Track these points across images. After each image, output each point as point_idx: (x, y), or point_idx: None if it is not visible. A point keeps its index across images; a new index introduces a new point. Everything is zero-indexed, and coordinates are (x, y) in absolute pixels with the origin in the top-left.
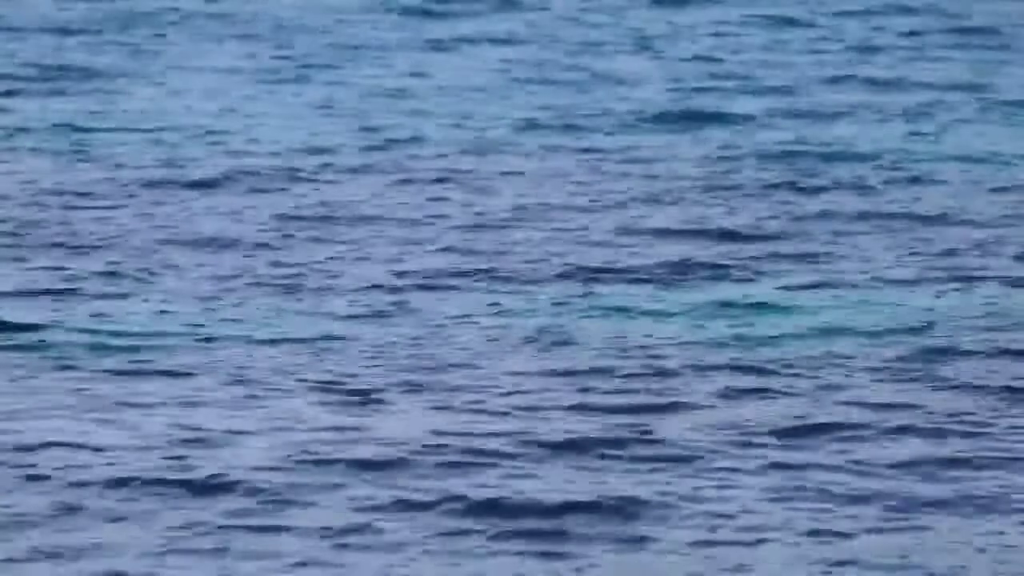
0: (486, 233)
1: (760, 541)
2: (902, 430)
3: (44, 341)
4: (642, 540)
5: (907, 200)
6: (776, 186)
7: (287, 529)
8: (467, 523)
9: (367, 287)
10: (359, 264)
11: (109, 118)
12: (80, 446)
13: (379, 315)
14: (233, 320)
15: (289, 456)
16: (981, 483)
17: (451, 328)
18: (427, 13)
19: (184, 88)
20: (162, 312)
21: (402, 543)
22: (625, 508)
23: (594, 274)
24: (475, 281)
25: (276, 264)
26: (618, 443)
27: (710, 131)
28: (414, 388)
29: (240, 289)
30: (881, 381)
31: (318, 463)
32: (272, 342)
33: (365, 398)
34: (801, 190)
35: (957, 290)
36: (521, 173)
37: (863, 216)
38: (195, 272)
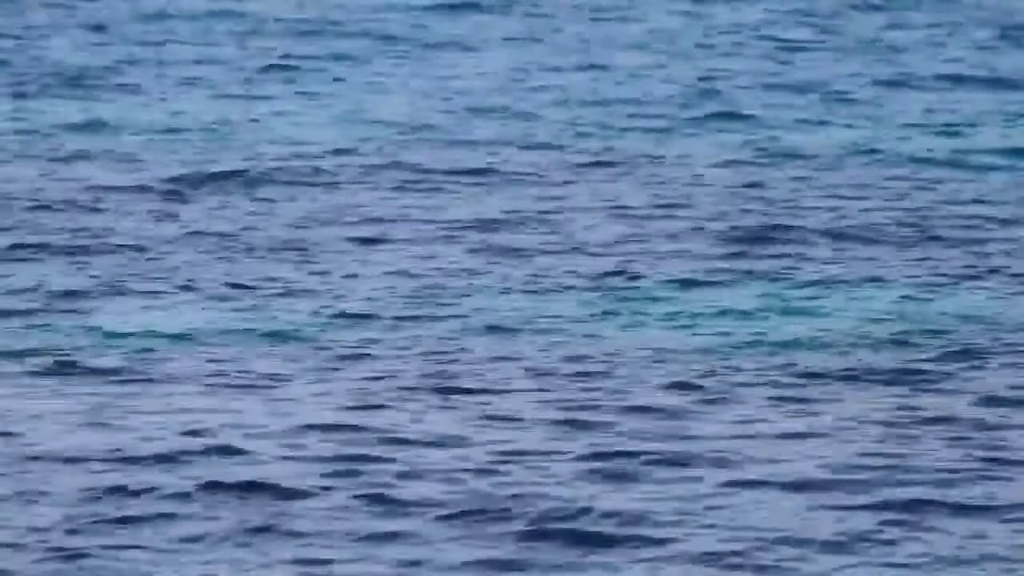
0: (501, 236)
1: (781, 542)
2: (924, 436)
3: (54, 343)
4: (666, 547)
5: (927, 202)
6: (790, 187)
7: (301, 531)
8: (482, 528)
9: (381, 289)
10: (373, 266)
11: (118, 118)
12: (92, 451)
13: (394, 318)
14: (245, 321)
15: (303, 458)
16: (1003, 491)
17: (466, 331)
18: (438, 10)
19: (198, 88)
20: (174, 313)
21: (417, 545)
22: (649, 516)
23: (610, 278)
24: (490, 284)
25: (289, 266)
26: (640, 449)
27: (728, 132)
28: (429, 391)
29: (253, 290)
30: (904, 385)
31: (333, 466)
32: (285, 343)
33: (379, 401)
34: (819, 192)
35: (977, 293)
36: (536, 175)
37: (882, 218)
38: (208, 273)
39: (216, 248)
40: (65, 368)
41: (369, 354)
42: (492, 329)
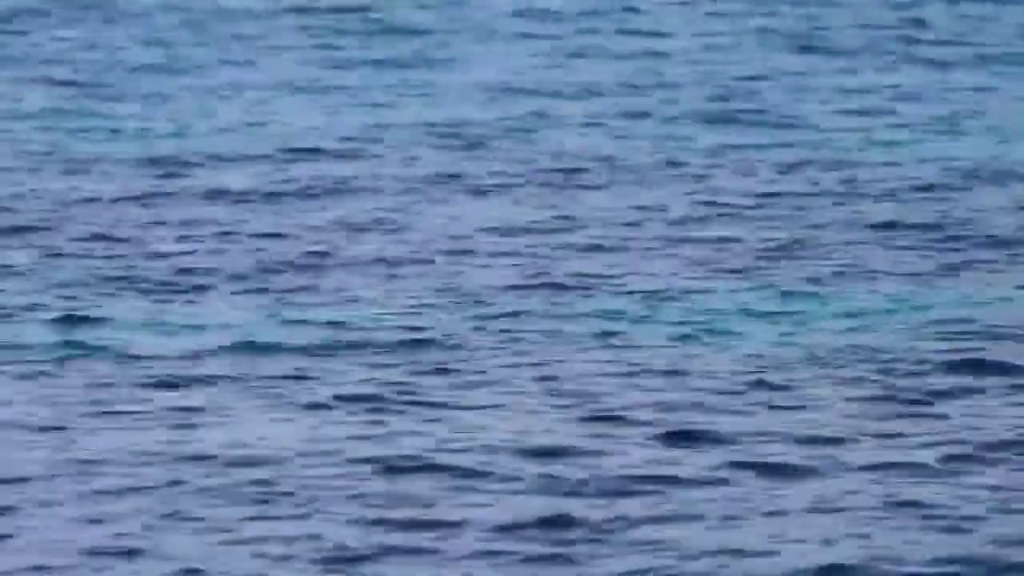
0: (525, 240)
1: (809, 557)
2: (953, 448)
3: (65, 349)
4: (711, 556)
5: (965, 209)
6: (818, 191)
7: (316, 536)
8: (497, 540)
9: (394, 297)
10: (387, 268)
11: (139, 121)
12: (100, 456)
13: (424, 326)
14: (264, 329)
15: (319, 464)
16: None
17: (500, 339)
18: (455, 8)
19: (222, 91)
20: (191, 319)
21: (430, 555)
22: (689, 525)
23: (633, 284)
24: (505, 292)
25: (321, 272)
26: (677, 457)
27: (756, 133)
28: (442, 401)
29: (272, 299)
30: (942, 399)
31: (348, 471)
32: (299, 352)
33: (394, 409)
34: (847, 196)
35: (1017, 304)
36: (553, 181)
37: (918, 225)
38: (225, 281)
39: (241, 256)
40: (77, 375)
41: (384, 362)
42: (521, 335)
